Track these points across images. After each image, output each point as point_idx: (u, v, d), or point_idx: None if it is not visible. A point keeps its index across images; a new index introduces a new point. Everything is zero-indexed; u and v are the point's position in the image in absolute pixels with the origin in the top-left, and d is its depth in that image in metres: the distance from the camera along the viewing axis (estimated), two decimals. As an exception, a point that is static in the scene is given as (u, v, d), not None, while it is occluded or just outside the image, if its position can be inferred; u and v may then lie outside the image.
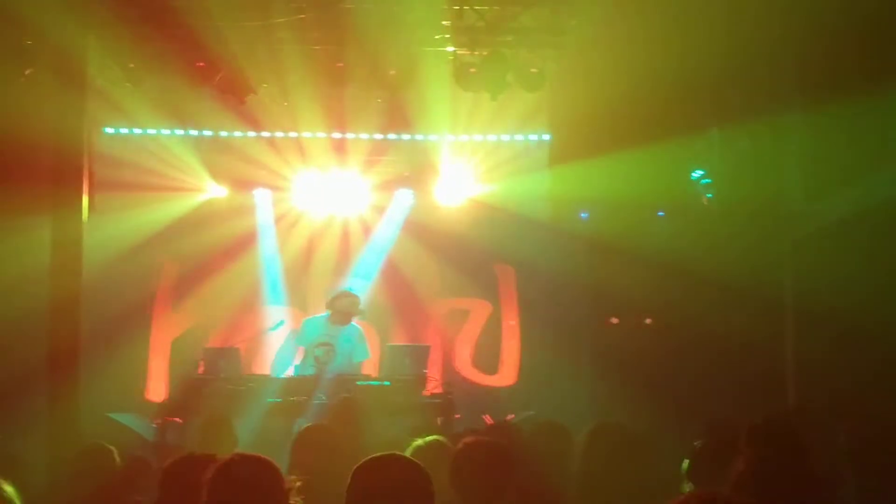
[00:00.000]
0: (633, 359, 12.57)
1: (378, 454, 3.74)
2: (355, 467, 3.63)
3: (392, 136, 13.18)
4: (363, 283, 13.35)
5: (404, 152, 13.42)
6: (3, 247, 11.12)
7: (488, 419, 11.30)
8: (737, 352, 12.04)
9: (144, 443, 10.27)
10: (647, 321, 13.04)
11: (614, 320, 13.20)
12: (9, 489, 4.33)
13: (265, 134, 12.96)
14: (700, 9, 10.03)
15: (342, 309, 11.16)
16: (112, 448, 6.31)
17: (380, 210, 13.62)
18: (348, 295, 11.33)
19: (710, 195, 11.82)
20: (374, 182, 13.44)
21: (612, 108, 10.75)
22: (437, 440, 5.56)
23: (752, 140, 11.35)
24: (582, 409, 12.33)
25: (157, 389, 12.85)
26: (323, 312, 11.31)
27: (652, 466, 5.04)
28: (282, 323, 12.12)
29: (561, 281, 13.13)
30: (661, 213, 12.50)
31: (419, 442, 5.51)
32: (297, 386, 10.53)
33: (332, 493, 5.16)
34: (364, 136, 13.08)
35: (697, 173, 11.88)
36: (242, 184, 13.36)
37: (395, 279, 13.60)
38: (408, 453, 5.25)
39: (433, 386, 10.85)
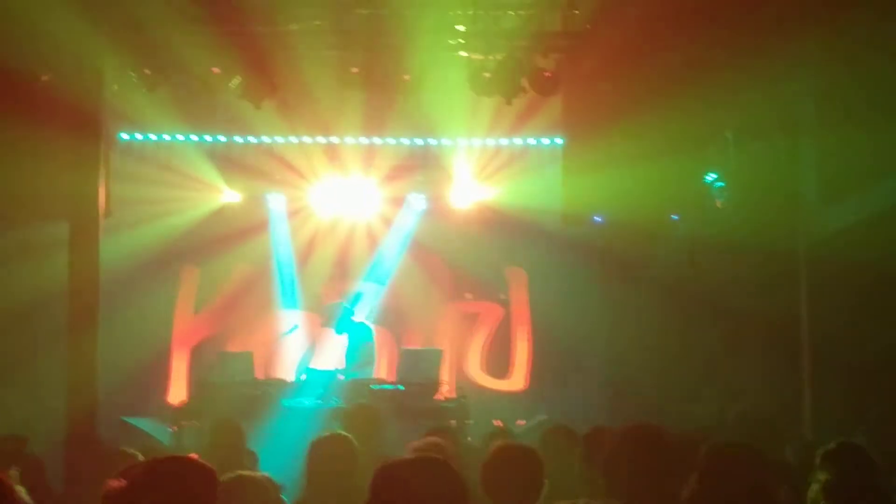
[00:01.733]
0: (646, 360, 12.56)
1: (403, 457, 3.64)
2: (377, 469, 3.52)
3: (405, 140, 13.21)
4: (376, 287, 13.40)
5: (418, 156, 13.44)
6: (21, 253, 11.17)
7: (499, 424, 11.32)
8: (752, 355, 12.03)
9: (160, 447, 10.29)
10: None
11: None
12: (20, 489, 4.31)
13: (279, 139, 12.99)
14: (715, 11, 10.02)
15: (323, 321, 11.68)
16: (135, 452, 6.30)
17: (393, 214, 13.64)
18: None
19: (723, 198, 11.78)
20: (388, 186, 13.47)
21: (626, 111, 10.74)
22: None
23: (766, 142, 11.32)
24: (595, 414, 12.33)
25: (178, 394, 12.87)
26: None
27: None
28: (296, 327, 12.18)
29: (574, 284, 13.13)
30: (674, 217, 12.47)
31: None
32: (311, 389, 10.60)
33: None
34: (377, 140, 13.11)
35: (711, 176, 11.85)
36: (257, 189, 13.40)
37: (407, 283, 13.62)
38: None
39: (447, 390, 10.91)
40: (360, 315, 12.01)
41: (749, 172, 11.55)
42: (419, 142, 13.28)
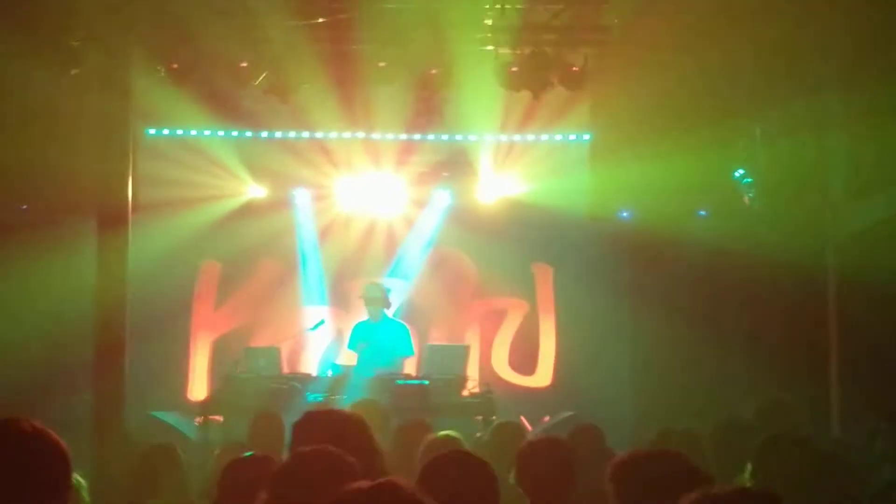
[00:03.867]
0: (672, 358, 12.50)
1: (444, 451, 3.64)
2: (423, 465, 3.54)
3: (432, 135, 13.17)
4: (403, 284, 13.38)
5: (444, 152, 13.42)
6: (50, 247, 11.23)
7: (525, 421, 11.29)
8: (779, 353, 11.95)
9: (187, 441, 10.33)
10: None
11: None
12: (79, 479, 4.32)
13: (306, 134, 12.99)
14: (742, 6, 9.97)
15: (367, 298, 11.32)
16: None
17: (419, 210, 13.62)
18: (369, 284, 11.58)
19: (751, 194, 11.72)
20: (414, 182, 13.44)
21: (654, 107, 10.71)
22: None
23: (794, 138, 11.24)
24: (621, 411, 12.29)
25: (199, 389, 12.91)
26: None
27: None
28: (322, 323, 12.16)
29: (599, 280, 13.08)
30: (702, 213, 12.41)
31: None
32: (338, 384, 10.59)
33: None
34: (404, 136, 13.08)
35: (739, 172, 11.79)
36: (283, 184, 13.41)
37: (435, 279, 13.60)
38: None
39: (472, 386, 10.88)
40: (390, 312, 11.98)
41: (777, 168, 11.49)
42: (445, 137, 13.24)
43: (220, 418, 10.67)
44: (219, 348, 13.21)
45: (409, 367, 12.37)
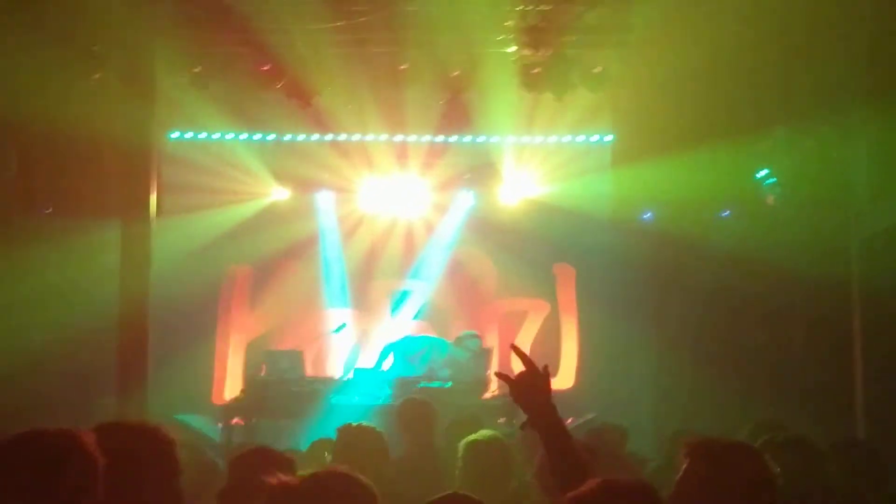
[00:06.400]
0: (694, 359, 12.45)
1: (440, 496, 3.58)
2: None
3: (454, 137, 13.17)
4: (424, 285, 13.40)
5: (466, 154, 13.41)
6: (74, 249, 11.27)
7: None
8: (803, 354, 11.89)
9: (211, 444, 10.35)
10: None
11: None
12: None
13: (328, 137, 13.01)
14: (766, 6, 9.92)
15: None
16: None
17: (441, 211, 13.63)
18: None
19: (774, 195, 11.66)
20: (436, 183, 13.45)
21: (676, 108, 10.68)
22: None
23: (818, 139, 11.18)
24: (644, 413, 12.24)
25: (229, 391, 12.90)
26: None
27: None
28: (344, 325, 12.19)
29: (622, 281, 13.04)
30: (725, 213, 12.36)
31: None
32: (360, 387, 10.62)
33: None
34: (426, 137, 13.08)
35: (762, 173, 11.74)
36: (305, 186, 13.44)
37: (456, 280, 13.60)
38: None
39: (494, 388, 10.87)
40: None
41: (800, 169, 11.43)
42: (467, 139, 13.24)
43: (242, 422, 10.70)
44: (250, 351, 13.25)
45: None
